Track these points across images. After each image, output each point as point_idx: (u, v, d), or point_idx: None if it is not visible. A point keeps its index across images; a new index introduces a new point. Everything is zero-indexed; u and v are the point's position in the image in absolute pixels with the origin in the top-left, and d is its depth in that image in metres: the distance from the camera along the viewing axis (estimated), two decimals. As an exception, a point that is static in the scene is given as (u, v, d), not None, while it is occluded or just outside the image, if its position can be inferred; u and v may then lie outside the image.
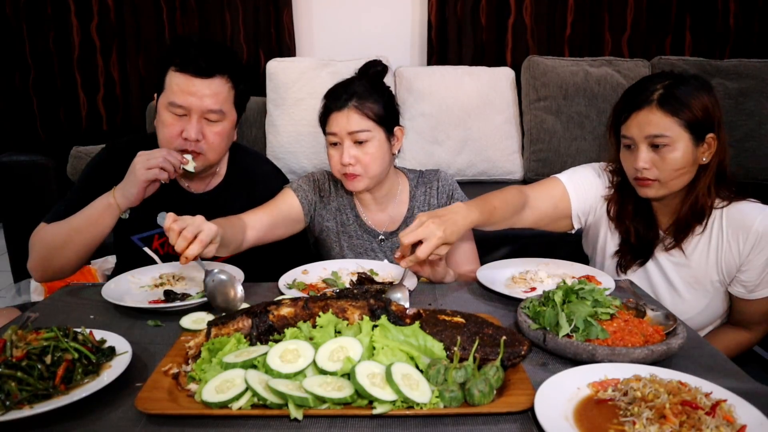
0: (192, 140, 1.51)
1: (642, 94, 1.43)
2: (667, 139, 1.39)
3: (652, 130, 1.40)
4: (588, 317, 1.06)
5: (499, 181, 3.07)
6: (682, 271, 1.52)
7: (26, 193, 2.75)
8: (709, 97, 1.41)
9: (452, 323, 1.02)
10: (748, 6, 3.27)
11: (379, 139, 1.56)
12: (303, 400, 0.83)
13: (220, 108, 1.53)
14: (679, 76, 1.44)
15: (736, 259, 1.45)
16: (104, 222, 1.50)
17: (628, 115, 1.45)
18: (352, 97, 1.54)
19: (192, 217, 1.25)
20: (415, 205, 1.71)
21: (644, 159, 1.42)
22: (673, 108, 1.38)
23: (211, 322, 1.04)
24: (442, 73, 3.05)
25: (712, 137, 1.41)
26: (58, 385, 0.91)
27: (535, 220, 1.55)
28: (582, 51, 3.30)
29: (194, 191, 1.70)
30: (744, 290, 1.47)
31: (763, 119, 2.94)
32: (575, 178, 1.62)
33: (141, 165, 1.45)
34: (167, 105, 1.52)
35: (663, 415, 0.80)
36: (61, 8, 3.22)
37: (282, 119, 2.93)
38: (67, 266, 1.57)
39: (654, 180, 1.43)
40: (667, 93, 1.40)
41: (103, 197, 1.50)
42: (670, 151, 1.40)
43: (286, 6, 3.23)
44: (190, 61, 1.49)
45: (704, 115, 1.39)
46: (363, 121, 1.54)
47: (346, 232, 1.71)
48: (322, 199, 1.71)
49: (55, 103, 3.36)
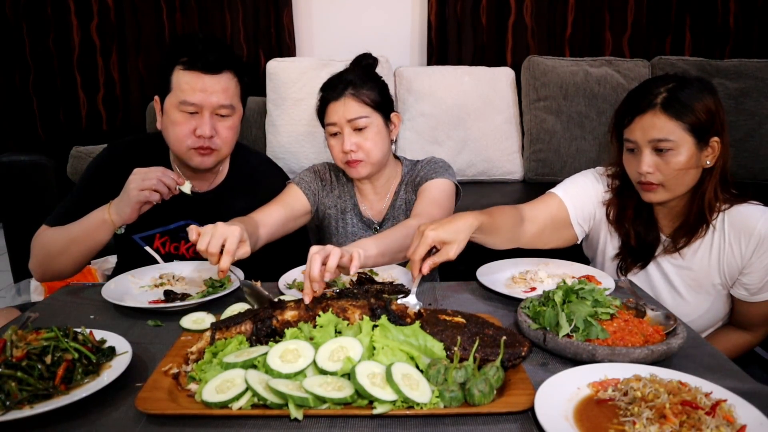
0: (206, 137, 1.52)
1: (645, 97, 1.41)
2: (670, 144, 1.37)
3: (656, 135, 1.38)
4: (588, 317, 1.06)
5: (499, 181, 3.07)
6: (683, 273, 1.51)
7: (26, 193, 2.75)
8: (713, 100, 1.39)
9: (453, 323, 1.02)
10: (748, 6, 3.27)
11: (378, 125, 1.60)
12: (303, 400, 0.83)
13: (230, 103, 1.55)
14: (683, 79, 1.42)
15: (738, 261, 1.44)
16: (99, 236, 1.52)
17: (632, 118, 1.43)
18: (348, 86, 1.58)
19: (212, 226, 1.23)
20: (401, 189, 1.73)
21: (648, 163, 1.40)
22: (677, 112, 1.36)
23: (214, 325, 1.04)
24: (442, 73, 3.05)
25: (716, 141, 1.40)
26: (58, 385, 0.91)
27: (536, 233, 1.53)
28: (582, 51, 3.30)
29: (197, 190, 1.71)
30: (746, 293, 1.46)
31: (763, 119, 2.94)
32: (569, 188, 1.61)
33: (135, 185, 1.44)
34: (178, 104, 1.52)
35: (663, 415, 0.80)
36: (61, 8, 3.22)
37: (282, 119, 2.93)
38: (66, 270, 1.60)
39: (658, 184, 1.41)
40: (670, 96, 1.38)
41: (99, 211, 1.50)
42: (674, 156, 1.38)
43: (286, 6, 3.23)
44: (198, 58, 1.50)
45: (708, 118, 1.37)
46: (361, 107, 1.57)
47: (344, 219, 1.75)
48: (324, 187, 1.75)
49: (55, 103, 3.35)
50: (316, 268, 1.12)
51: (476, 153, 3.00)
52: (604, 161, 1.64)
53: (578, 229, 1.61)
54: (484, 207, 2.87)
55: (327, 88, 1.63)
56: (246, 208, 1.61)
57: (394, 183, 1.75)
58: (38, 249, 1.58)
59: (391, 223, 1.72)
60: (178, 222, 1.68)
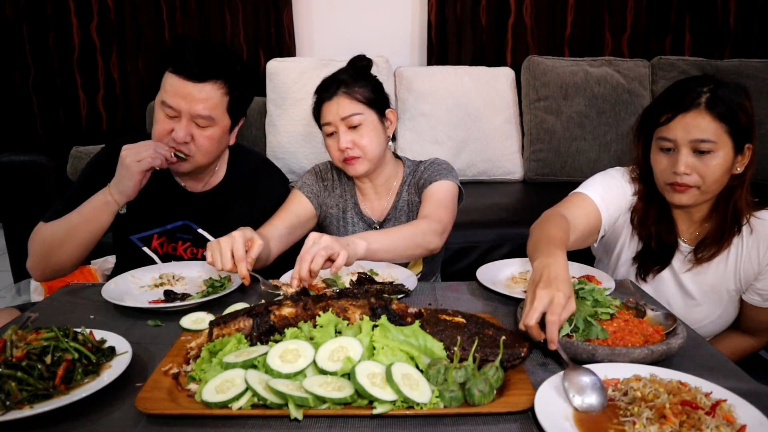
0: (180, 141, 1.52)
1: (688, 95, 1.36)
2: (712, 145, 1.33)
3: (699, 135, 1.33)
4: (588, 317, 1.06)
5: (499, 181, 3.07)
6: (699, 279, 1.49)
7: (26, 193, 2.75)
8: (750, 104, 1.36)
9: (453, 323, 1.02)
10: (748, 6, 3.27)
11: (372, 121, 1.61)
12: (303, 400, 0.83)
13: (209, 114, 1.52)
14: (721, 81, 1.38)
15: (756, 267, 1.42)
16: (102, 218, 1.52)
17: (673, 116, 1.37)
18: (340, 85, 1.60)
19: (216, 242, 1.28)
20: (403, 189, 1.74)
21: (686, 163, 1.35)
22: (722, 113, 1.33)
23: (212, 322, 1.05)
24: (442, 73, 3.05)
25: (749, 147, 1.37)
26: (58, 385, 0.91)
27: (574, 241, 1.44)
28: (582, 51, 3.30)
29: (192, 190, 1.70)
30: (759, 299, 1.46)
31: (763, 119, 2.94)
32: (604, 194, 1.52)
33: (132, 158, 1.46)
34: (160, 104, 1.53)
35: (663, 415, 0.80)
36: (61, 8, 3.22)
37: (282, 119, 2.94)
38: (67, 263, 1.58)
39: (693, 186, 1.37)
40: (714, 97, 1.34)
41: (99, 194, 1.52)
42: (713, 158, 1.34)
43: (286, 6, 3.23)
44: (184, 64, 1.49)
45: (747, 122, 1.34)
46: (354, 105, 1.59)
47: (345, 218, 1.75)
48: (326, 187, 1.76)
49: (55, 103, 3.36)
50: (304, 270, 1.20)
51: (476, 153, 3.01)
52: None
53: (601, 234, 1.55)
54: (484, 207, 2.84)
55: (321, 90, 1.65)
56: (244, 209, 1.61)
57: (395, 182, 1.75)
58: (37, 245, 1.56)
59: (392, 224, 1.73)
60: (175, 222, 1.68)
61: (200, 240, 1.68)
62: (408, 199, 1.73)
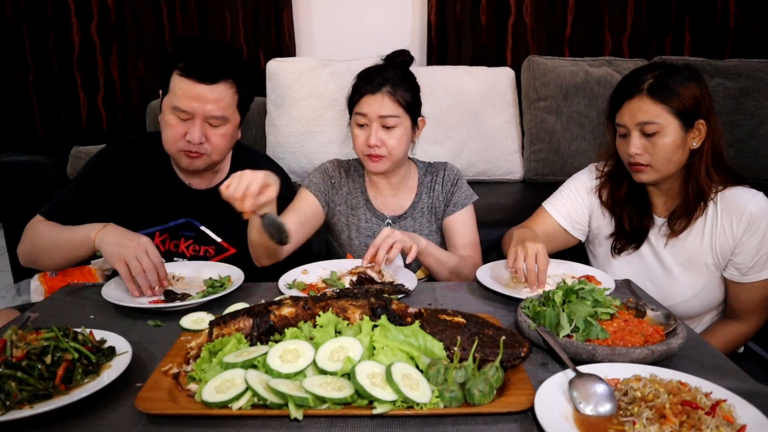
0: (195, 143, 1.52)
1: (633, 83, 1.49)
2: (656, 126, 1.44)
3: (642, 118, 1.45)
4: (588, 317, 1.06)
5: (499, 181, 3.07)
6: (676, 252, 1.56)
7: (26, 193, 2.74)
8: (698, 86, 1.46)
9: (453, 323, 1.02)
10: (748, 6, 3.27)
11: (406, 126, 1.64)
12: (303, 400, 0.83)
13: (222, 114, 1.54)
14: (670, 66, 1.49)
15: (730, 241, 1.49)
16: (79, 251, 1.52)
17: (621, 103, 1.50)
18: (386, 83, 1.61)
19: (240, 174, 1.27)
20: (422, 191, 1.79)
21: (636, 145, 1.47)
22: (662, 96, 1.44)
23: (212, 322, 1.05)
24: (442, 73, 3.04)
25: (702, 123, 1.46)
26: (58, 385, 0.91)
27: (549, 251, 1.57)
28: (582, 51, 3.30)
29: (196, 188, 1.71)
30: (738, 273, 1.51)
31: (763, 119, 2.93)
32: (557, 201, 1.72)
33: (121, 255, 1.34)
34: (171, 108, 1.53)
35: (663, 415, 0.80)
36: (61, 8, 3.22)
37: (282, 119, 2.93)
38: (47, 268, 1.63)
39: (646, 165, 1.48)
40: (656, 82, 1.45)
41: (88, 227, 1.47)
42: (660, 137, 1.45)
43: (286, 6, 3.22)
44: (193, 67, 1.49)
45: (693, 102, 1.44)
46: (394, 107, 1.61)
47: (356, 215, 1.77)
48: (333, 185, 1.77)
49: (55, 103, 3.35)
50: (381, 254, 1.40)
51: (476, 153, 3.00)
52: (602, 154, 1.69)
53: (577, 233, 1.71)
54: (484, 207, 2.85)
55: (365, 80, 1.64)
56: None
57: (408, 181, 1.79)
58: (28, 238, 1.60)
59: (410, 221, 1.77)
60: (177, 220, 1.68)
61: (203, 238, 1.68)
62: (429, 203, 1.78)
